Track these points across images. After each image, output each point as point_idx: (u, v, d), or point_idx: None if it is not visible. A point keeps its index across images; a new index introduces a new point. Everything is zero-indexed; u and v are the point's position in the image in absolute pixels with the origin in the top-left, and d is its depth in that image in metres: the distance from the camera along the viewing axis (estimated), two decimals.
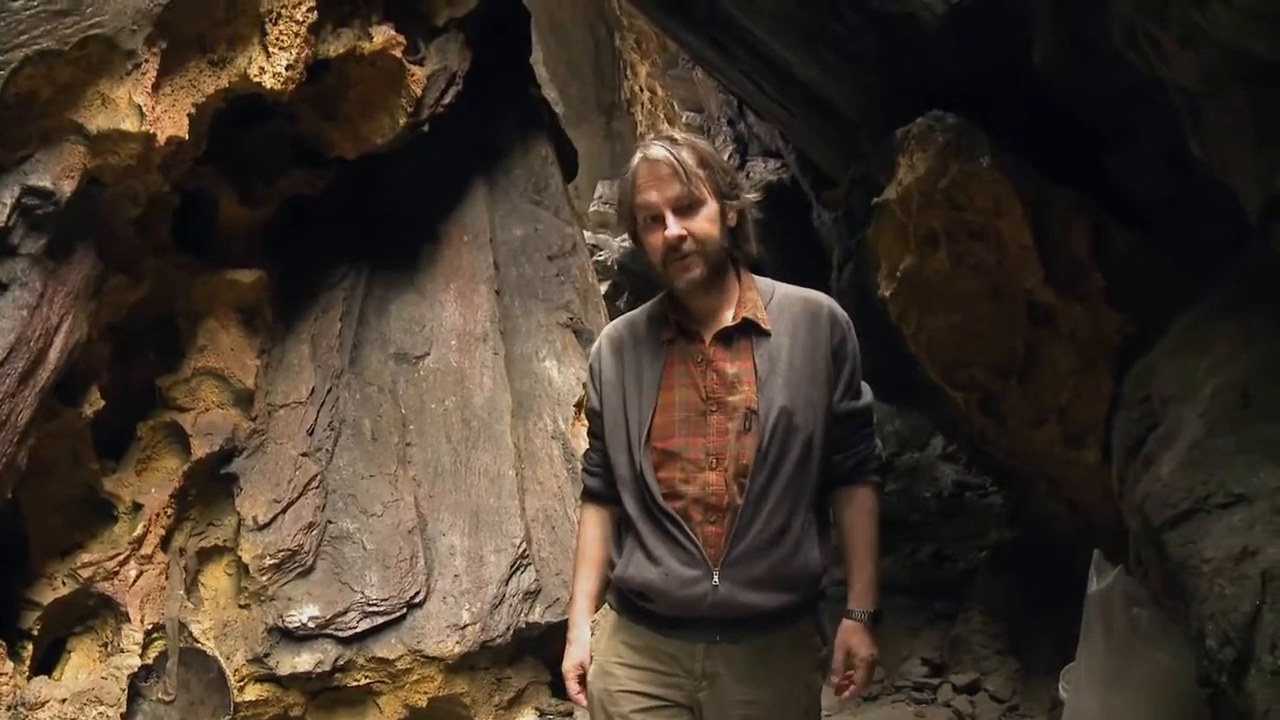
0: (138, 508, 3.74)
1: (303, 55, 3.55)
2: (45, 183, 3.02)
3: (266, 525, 3.83)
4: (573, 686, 2.60)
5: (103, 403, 3.52)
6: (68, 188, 3.07)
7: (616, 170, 12.59)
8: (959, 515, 6.59)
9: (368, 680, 3.83)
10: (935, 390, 4.35)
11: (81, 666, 3.64)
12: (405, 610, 3.87)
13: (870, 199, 4.36)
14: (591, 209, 11.41)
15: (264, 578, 3.79)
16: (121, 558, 3.67)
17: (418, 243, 4.59)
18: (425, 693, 3.88)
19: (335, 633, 3.79)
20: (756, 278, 2.56)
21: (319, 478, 3.97)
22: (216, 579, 3.93)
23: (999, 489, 5.97)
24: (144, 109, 3.16)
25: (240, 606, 3.85)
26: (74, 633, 3.70)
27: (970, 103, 3.76)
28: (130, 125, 3.15)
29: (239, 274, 3.94)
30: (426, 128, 4.23)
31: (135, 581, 3.68)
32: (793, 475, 2.39)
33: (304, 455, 3.98)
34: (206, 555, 3.91)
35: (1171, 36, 2.45)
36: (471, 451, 4.21)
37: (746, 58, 5.09)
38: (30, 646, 3.52)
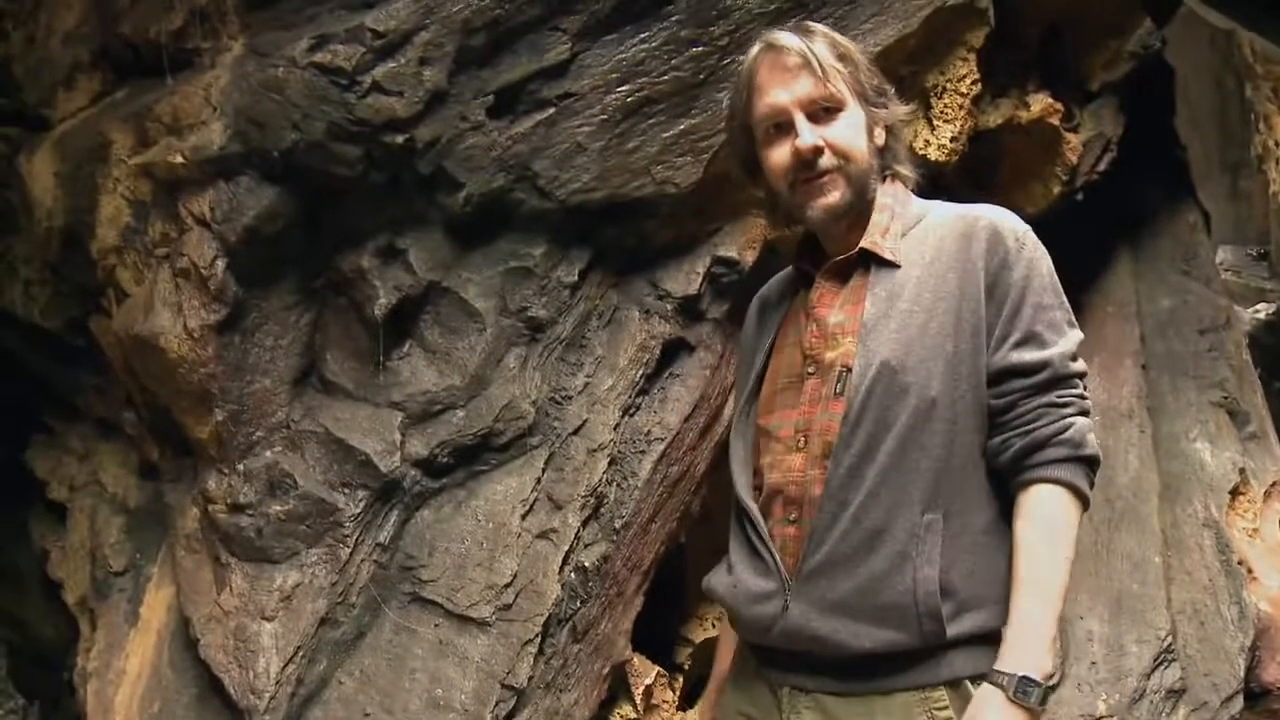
0: None
1: (966, 127, 3.57)
2: (732, 253, 3.25)
3: None
4: None
5: None
6: (750, 257, 3.28)
7: (1239, 235, 11.67)
8: None
9: None
10: None
11: None
12: None
13: None
14: None
15: None
16: None
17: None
18: None
19: None
20: (915, 199, 1.98)
21: None
22: None
23: None
24: None
25: None
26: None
27: None
28: None
29: None
30: (1080, 196, 4.11)
31: None
32: (898, 456, 1.75)
33: None
34: None
35: None
36: (1114, 533, 3.99)
37: None
38: (681, 680, 3.77)
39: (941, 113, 3.55)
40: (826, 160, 1.84)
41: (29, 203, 3.48)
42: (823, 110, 1.84)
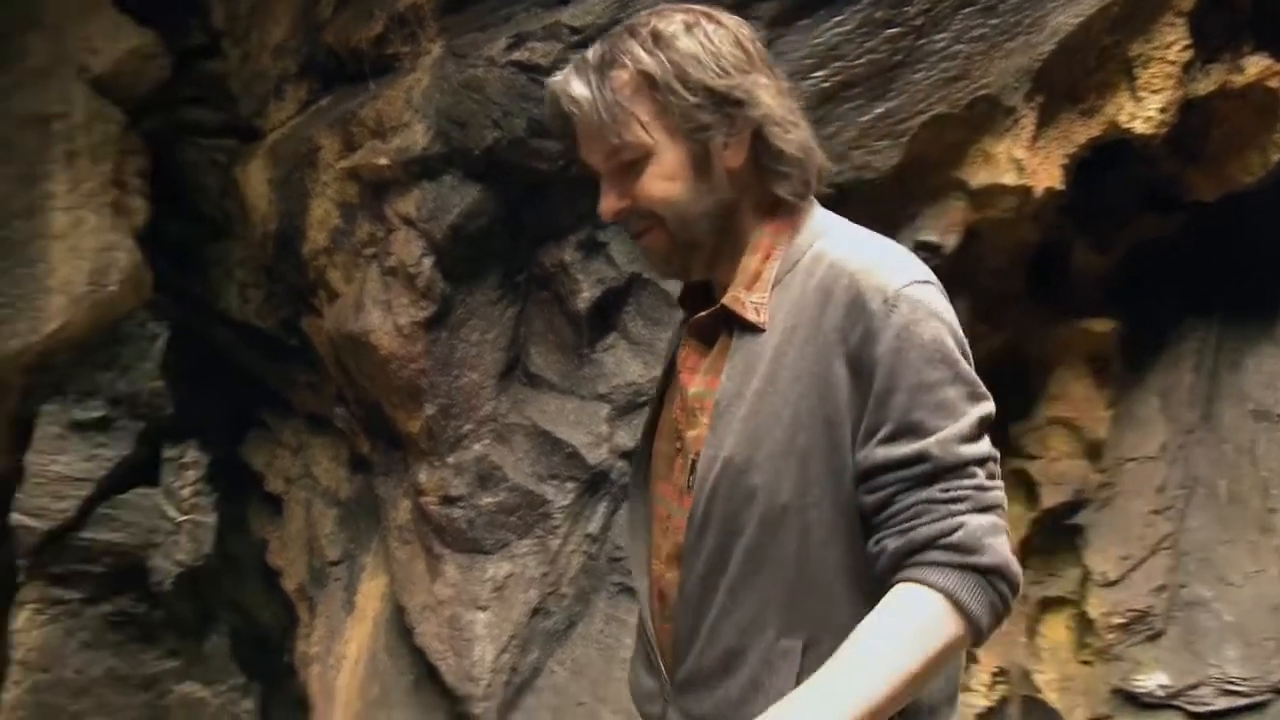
0: None
1: (1175, 97, 3.42)
2: (933, 237, 3.18)
3: (1115, 582, 3.71)
4: None
5: None
6: (951, 241, 3.21)
7: None
8: None
9: None
10: None
11: None
12: (1271, 696, 3.56)
13: None
14: None
15: (1110, 636, 3.68)
16: None
17: (1274, 290, 4.24)
18: None
19: (1186, 705, 3.58)
20: (806, 227, 1.54)
21: (1171, 538, 3.78)
22: (1056, 631, 3.89)
23: None
24: (1022, 163, 3.22)
25: (1082, 663, 3.77)
26: None
27: None
28: (1009, 179, 3.21)
29: (1092, 323, 3.86)
30: None
31: None
32: (748, 570, 1.46)
33: (1154, 513, 3.80)
34: (1047, 605, 3.88)
35: None
36: None
37: None
38: None
39: (1147, 83, 3.39)
40: (636, 223, 1.56)
41: (245, 209, 3.63)
42: (622, 164, 1.52)
